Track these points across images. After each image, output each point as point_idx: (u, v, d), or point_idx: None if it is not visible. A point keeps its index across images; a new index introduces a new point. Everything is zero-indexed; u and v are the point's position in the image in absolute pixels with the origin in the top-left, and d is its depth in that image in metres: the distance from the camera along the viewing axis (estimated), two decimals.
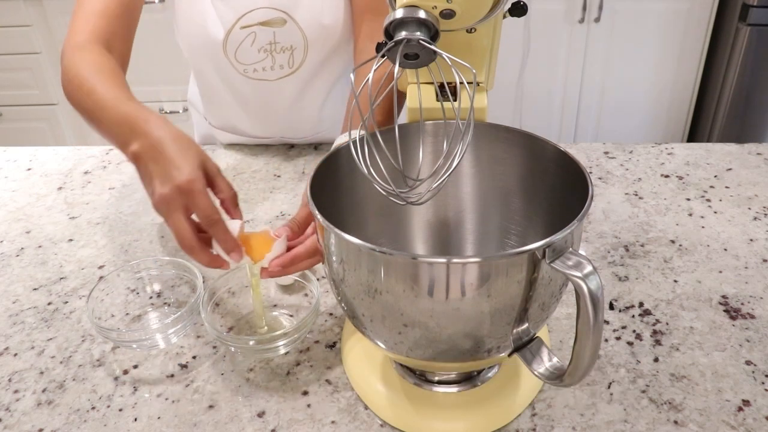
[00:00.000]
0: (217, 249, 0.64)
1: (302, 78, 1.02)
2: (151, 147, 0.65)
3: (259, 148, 1.14)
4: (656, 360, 0.67)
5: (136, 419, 0.62)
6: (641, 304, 0.75)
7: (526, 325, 0.53)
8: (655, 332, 0.71)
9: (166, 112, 2.42)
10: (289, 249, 0.66)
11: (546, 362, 0.54)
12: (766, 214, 0.91)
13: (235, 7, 0.94)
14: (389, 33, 0.54)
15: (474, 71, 0.53)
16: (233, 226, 0.64)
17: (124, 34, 0.86)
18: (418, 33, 0.52)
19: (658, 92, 2.34)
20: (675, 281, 0.78)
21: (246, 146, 1.15)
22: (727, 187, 0.98)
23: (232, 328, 0.73)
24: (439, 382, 0.63)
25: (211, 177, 0.65)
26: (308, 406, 0.63)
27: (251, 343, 0.68)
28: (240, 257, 0.64)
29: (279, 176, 1.05)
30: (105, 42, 0.83)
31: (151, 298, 0.78)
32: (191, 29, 0.97)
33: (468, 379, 0.63)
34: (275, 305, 0.76)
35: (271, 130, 1.11)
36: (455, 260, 0.47)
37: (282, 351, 0.69)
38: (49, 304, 0.78)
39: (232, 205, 0.66)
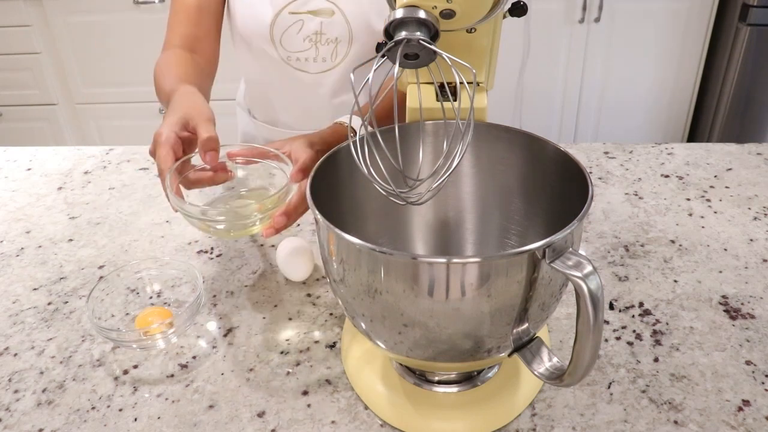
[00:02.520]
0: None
1: (341, 75, 1.03)
2: None
3: None
4: (656, 360, 0.67)
5: (136, 419, 0.62)
6: (641, 304, 0.75)
7: (526, 325, 0.53)
8: (655, 332, 0.71)
9: None
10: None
11: (546, 362, 0.54)
12: (766, 214, 0.91)
13: None
14: (389, 33, 0.54)
15: (474, 71, 0.53)
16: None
17: (206, 35, 1.00)
18: (418, 33, 0.52)
19: (658, 92, 2.34)
20: (675, 281, 0.78)
21: None
22: (727, 187, 0.98)
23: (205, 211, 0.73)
24: (439, 382, 0.63)
25: (193, 128, 0.71)
26: (308, 406, 0.63)
27: (225, 219, 0.69)
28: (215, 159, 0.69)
29: None
30: (189, 46, 0.98)
31: (151, 298, 0.78)
32: (241, 9, 1.00)
33: (468, 379, 0.63)
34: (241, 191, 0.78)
35: (310, 124, 1.10)
36: (455, 260, 0.47)
37: (257, 228, 0.70)
38: (49, 304, 0.78)
39: (202, 150, 0.69)
